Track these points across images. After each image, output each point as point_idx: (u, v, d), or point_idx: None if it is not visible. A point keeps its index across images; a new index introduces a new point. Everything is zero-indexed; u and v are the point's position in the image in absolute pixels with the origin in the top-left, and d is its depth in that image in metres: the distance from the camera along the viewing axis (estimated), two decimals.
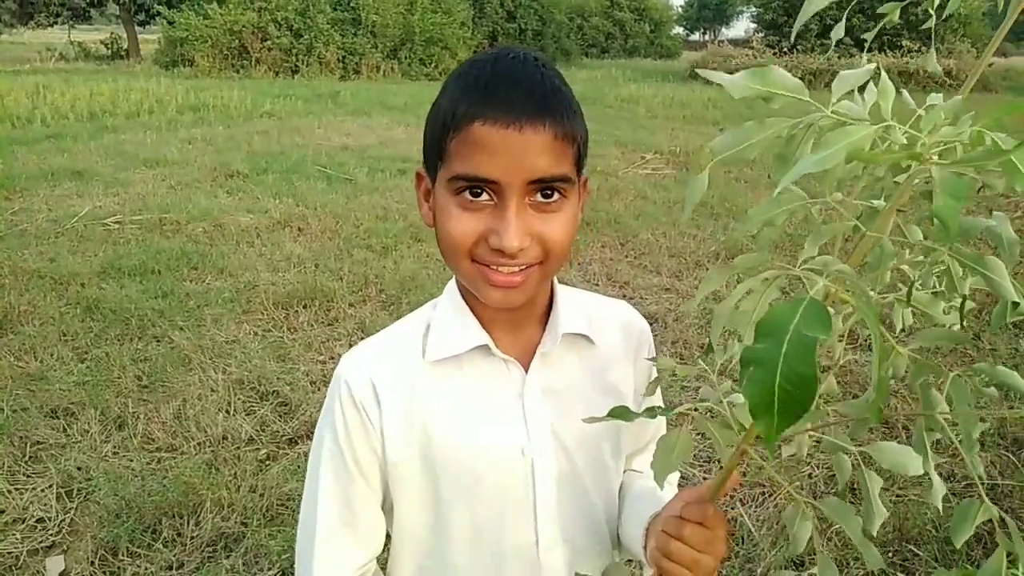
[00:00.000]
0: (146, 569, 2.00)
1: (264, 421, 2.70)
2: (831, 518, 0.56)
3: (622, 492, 0.91)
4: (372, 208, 5.64)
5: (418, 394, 0.79)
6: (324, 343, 3.36)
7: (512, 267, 0.71)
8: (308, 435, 2.58)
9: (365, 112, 11.42)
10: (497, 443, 0.80)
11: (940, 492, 0.55)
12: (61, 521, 2.16)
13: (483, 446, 0.79)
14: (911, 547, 2.08)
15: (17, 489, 2.28)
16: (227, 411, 2.75)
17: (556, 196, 0.71)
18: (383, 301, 3.86)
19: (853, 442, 0.59)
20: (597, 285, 4.24)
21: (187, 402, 2.78)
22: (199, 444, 2.55)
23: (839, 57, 17.50)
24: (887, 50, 19.66)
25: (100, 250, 4.48)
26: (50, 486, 2.30)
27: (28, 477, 2.35)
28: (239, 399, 2.84)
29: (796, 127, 0.48)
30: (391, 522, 0.84)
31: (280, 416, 2.75)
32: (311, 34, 17.83)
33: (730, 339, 0.56)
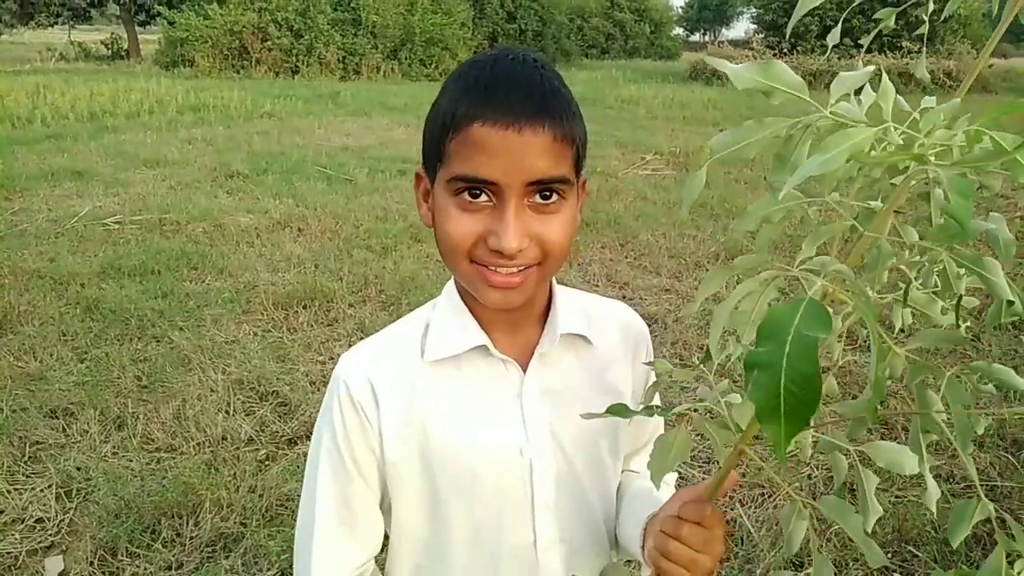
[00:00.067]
0: (145, 569, 2.00)
1: (263, 421, 2.70)
2: (830, 517, 0.56)
3: (620, 492, 0.91)
4: (372, 209, 5.64)
5: (417, 394, 0.79)
6: (324, 343, 3.36)
7: (511, 268, 0.71)
8: (307, 435, 2.58)
9: (365, 112, 11.41)
10: (495, 443, 0.80)
11: (935, 495, 0.55)
12: (60, 521, 2.16)
13: (482, 446, 0.79)
14: (910, 548, 2.08)
15: (16, 489, 2.28)
16: (226, 411, 2.75)
17: (555, 197, 0.71)
18: (383, 301, 3.86)
19: (851, 442, 0.59)
20: (597, 286, 4.24)
21: (186, 402, 2.78)
22: (198, 444, 2.55)
23: (839, 58, 17.51)
24: (887, 51, 19.67)
25: (100, 250, 4.48)
26: (49, 486, 2.30)
27: (27, 477, 2.35)
28: (239, 399, 2.84)
29: (794, 127, 0.48)
30: (389, 522, 0.84)
31: (279, 416, 2.75)
32: (311, 34, 17.83)
33: (729, 339, 0.56)
